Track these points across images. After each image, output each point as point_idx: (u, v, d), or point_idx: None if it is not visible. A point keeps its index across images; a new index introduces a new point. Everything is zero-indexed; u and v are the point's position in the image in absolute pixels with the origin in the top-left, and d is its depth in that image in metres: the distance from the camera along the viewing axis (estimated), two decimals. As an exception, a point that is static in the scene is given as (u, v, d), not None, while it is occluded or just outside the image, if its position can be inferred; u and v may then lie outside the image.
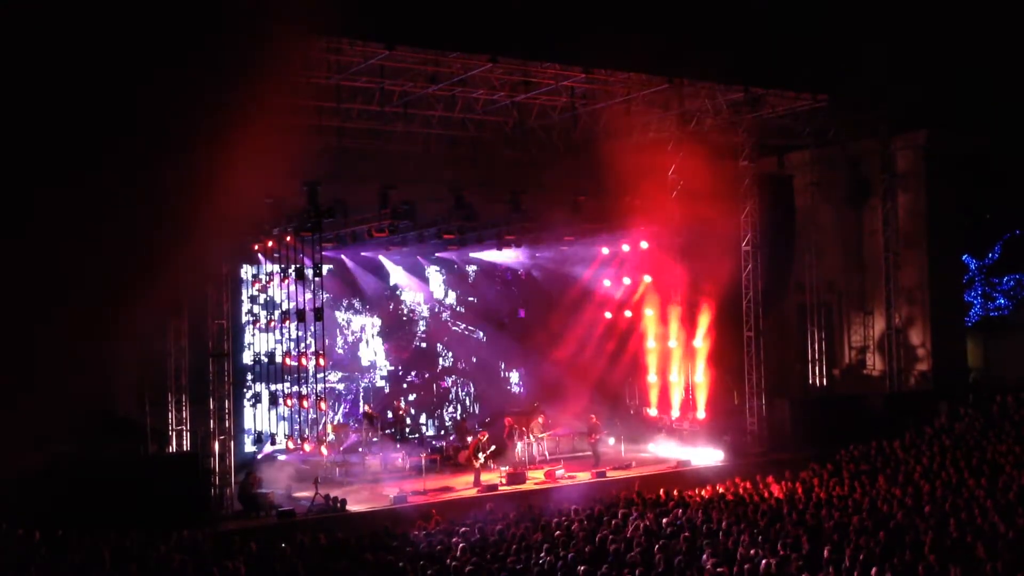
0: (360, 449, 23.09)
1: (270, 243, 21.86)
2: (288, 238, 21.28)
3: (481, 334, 28.62)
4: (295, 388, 21.33)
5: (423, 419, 27.08)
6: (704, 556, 12.77)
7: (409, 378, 27.16)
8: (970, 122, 26.76)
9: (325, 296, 22.32)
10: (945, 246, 28.07)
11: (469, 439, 23.39)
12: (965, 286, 34.93)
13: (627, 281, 28.11)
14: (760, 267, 25.21)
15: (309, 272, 20.69)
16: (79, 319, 11.77)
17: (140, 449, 19.66)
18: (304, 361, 21.12)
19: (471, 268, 28.28)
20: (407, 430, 25.58)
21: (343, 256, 25.50)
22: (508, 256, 28.12)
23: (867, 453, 21.88)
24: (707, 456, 23.77)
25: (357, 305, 26.37)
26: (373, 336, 26.66)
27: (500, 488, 20.69)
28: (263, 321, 22.87)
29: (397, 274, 27.03)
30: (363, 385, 26.33)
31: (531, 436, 23.65)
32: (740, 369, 25.25)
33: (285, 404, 22.07)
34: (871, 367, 28.63)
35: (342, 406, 25.75)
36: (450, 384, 28.01)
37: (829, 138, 27.15)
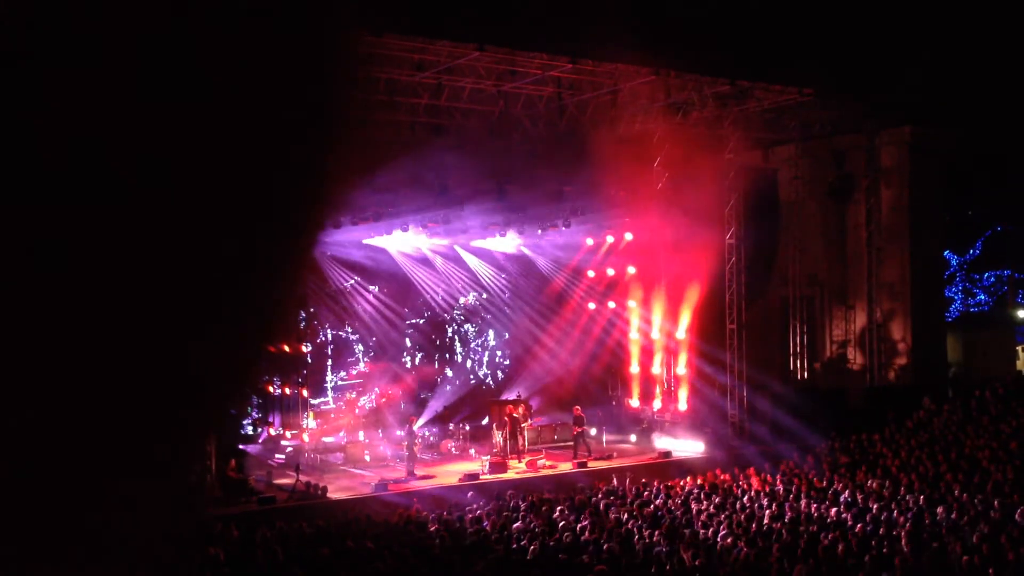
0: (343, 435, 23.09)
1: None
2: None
3: (467, 326, 28.66)
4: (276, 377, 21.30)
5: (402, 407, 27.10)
6: (683, 546, 12.85)
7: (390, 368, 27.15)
8: (954, 119, 26.89)
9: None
10: (927, 242, 28.22)
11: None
12: (946, 281, 35.19)
13: (611, 272, 28.17)
14: (743, 260, 25.31)
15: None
16: None
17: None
18: (287, 347, 21.06)
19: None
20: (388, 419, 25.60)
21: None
22: (493, 245, 28.13)
23: (847, 446, 22.05)
24: (688, 447, 23.89)
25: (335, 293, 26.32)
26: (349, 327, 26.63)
27: (482, 477, 20.74)
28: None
29: (375, 260, 26.85)
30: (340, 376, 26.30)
31: (512, 425, 23.67)
32: (722, 361, 25.35)
33: (266, 389, 22.05)
34: (852, 361, 28.81)
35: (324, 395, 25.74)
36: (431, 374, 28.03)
37: (814, 132, 27.24)
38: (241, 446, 21.78)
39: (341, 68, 1.62)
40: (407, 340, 27.56)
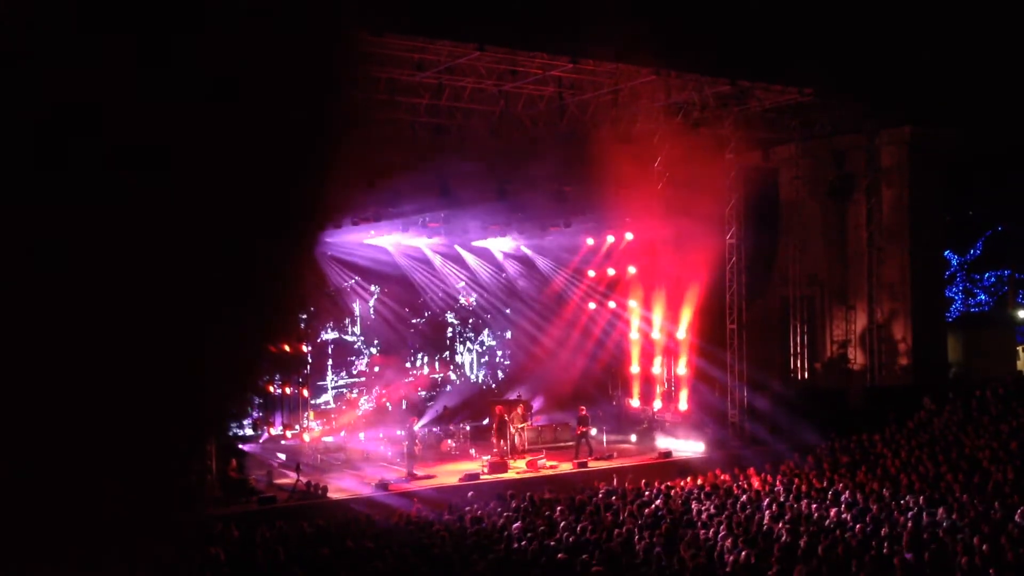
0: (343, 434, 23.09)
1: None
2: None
3: (459, 324, 28.66)
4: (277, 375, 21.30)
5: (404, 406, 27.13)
6: (683, 547, 12.85)
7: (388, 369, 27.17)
8: (955, 119, 26.88)
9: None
10: (927, 242, 28.18)
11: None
12: (946, 281, 35.18)
13: (611, 272, 28.17)
14: (744, 260, 25.30)
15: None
16: None
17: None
18: (288, 347, 21.06)
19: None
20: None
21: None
22: (494, 245, 28.14)
23: (847, 446, 22.03)
24: (688, 447, 23.88)
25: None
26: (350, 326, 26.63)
27: (482, 477, 20.74)
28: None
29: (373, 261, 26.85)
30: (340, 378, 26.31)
31: (512, 426, 23.66)
32: (722, 361, 25.34)
33: (267, 389, 22.06)
34: (853, 361, 28.79)
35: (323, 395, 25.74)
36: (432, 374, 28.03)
37: (814, 132, 27.23)
38: (241, 446, 21.78)
39: (342, 68, 1.62)
40: (407, 340, 27.56)
